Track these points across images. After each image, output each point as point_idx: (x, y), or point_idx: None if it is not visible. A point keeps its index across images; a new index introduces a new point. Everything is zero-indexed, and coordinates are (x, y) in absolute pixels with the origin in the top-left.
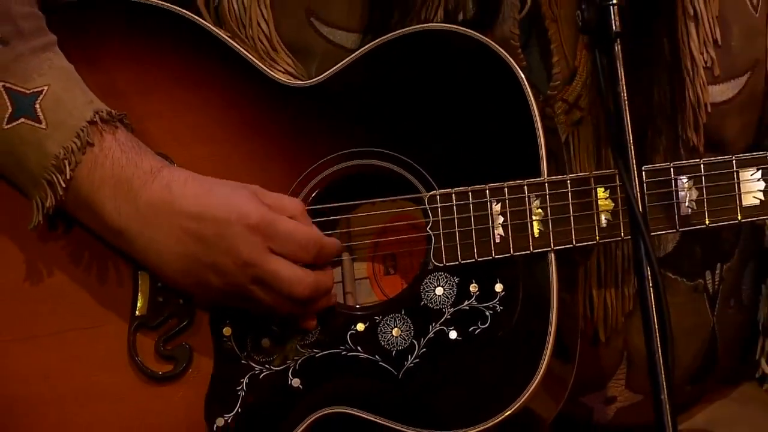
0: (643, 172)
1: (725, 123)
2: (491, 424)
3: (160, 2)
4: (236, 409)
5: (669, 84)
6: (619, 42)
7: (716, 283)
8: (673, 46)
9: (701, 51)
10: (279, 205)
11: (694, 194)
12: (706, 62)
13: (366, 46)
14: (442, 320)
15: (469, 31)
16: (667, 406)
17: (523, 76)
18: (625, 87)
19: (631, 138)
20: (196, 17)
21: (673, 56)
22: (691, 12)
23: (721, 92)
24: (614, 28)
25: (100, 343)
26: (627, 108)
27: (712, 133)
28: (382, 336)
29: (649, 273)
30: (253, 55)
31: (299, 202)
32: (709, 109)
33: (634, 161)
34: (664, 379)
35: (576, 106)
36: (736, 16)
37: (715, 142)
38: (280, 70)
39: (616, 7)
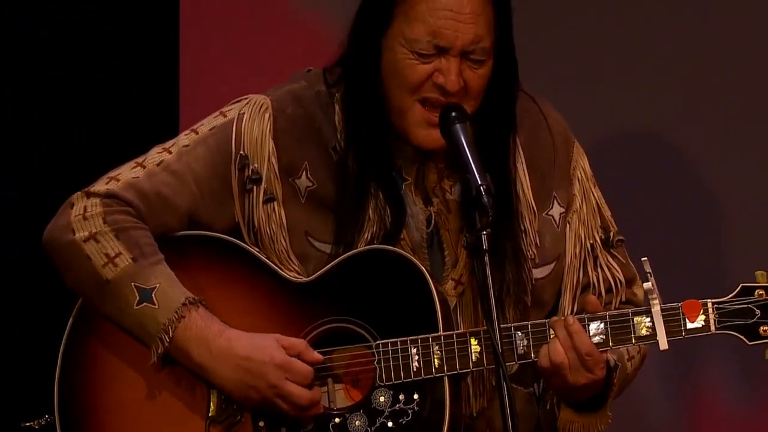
0: (497, 331)
1: (543, 290)
2: None
3: (220, 234)
4: None
5: (511, 269)
6: (487, 255)
7: (541, 390)
8: (512, 248)
9: (528, 249)
10: (292, 345)
11: (525, 341)
12: (531, 256)
13: (338, 258)
14: (384, 416)
15: (395, 249)
16: None
17: (427, 273)
18: (491, 281)
19: (495, 312)
20: (241, 242)
21: (513, 252)
22: (523, 229)
23: (540, 272)
24: (484, 246)
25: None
26: (492, 296)
27: (536, 296)
28: (350, 425)
29: (504, 385)
30: (273, 261)
31: (303, 340)
32: (534, 282)
33: (496, 326)
34: None
35: (460, 282)
36: (547, 229)
37: (538, 301)
38: (290, 269)
39: (485, 235)
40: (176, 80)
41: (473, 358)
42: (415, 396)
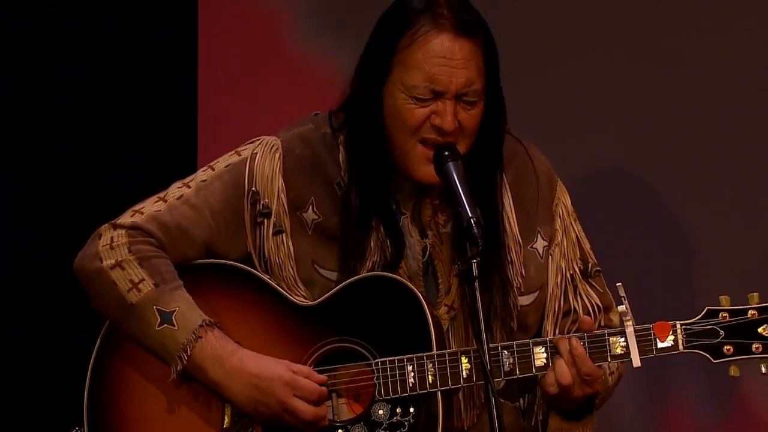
0: (486, 349)
1: (528, 316)
2: None
3: (233, 263)
4: None
5: (499, 296)
6: (477, 281)
7: (526, 404)
8: (499, 277)
9: (514, 279)
10: (301, 370)
11: (511, 359)
12: (517, 285)
13: (341, 284)
14: (383, 427)
15: (394, 276)
16: None
17: (422, 299)
18: (481, 307)
19: (484, 333)
20: (252, 269)
21: (500, 280)
22: (509, 259)
23: (525, 300)
24: (474, 273)
25: None
26: (482, 318)
27: (521, 321)
28: None
29: (493, 399)
30: (282, 287)
31: (308, 367)
32: (519, 308)
33: (485, 345)
34: None
35: (452, 308)
36: (531, 260)
37: (523, 326)
38: (297, 294)
39: (475, 263)
40: (195, 92)
41: (464, 374)
42: (411, 409)
